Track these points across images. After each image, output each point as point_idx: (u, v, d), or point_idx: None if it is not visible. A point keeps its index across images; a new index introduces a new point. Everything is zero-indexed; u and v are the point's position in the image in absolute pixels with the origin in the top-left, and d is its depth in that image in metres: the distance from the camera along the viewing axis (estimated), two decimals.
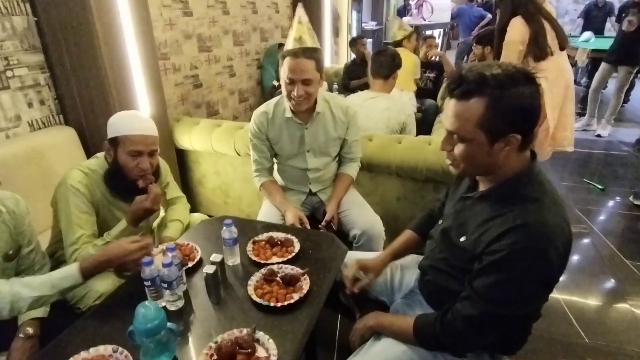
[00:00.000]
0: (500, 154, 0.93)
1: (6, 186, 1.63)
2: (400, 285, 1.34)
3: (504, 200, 0.96)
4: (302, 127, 1.77)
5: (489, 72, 0.87)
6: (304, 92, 1.61)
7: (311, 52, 1.60)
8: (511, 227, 0.88)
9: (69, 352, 0.96)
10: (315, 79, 1.63)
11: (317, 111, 1.74)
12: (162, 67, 2.57)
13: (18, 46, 1.83)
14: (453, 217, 1.11)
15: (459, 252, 1.03)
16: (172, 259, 1.11)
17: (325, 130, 1.79)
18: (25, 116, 1.90)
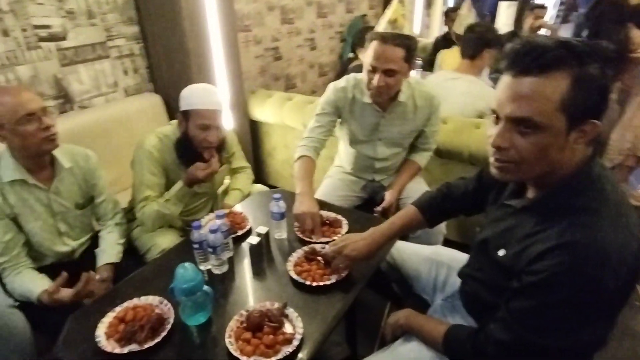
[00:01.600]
0: (570, 148, 0.76)
1: (101, 143, 1.89)
2: (444, 286, 1.26)
3: (553, 211, 0.80)
4: (379, 115, 1.66)
5: (567, 41, 0.72)
6: (384, 83, 1.48)
7: (403, 39, 1.45)
8: (556, 244, 0.74)
9: (126, 297, 1.10)
10: (401, 71, 1.48)
11: (399, 100, 1.61)
12: (244, 39, 2.66)
13: (118, 18, 2.04)
14: (492, 226, 0.97)
15: (496, 268, 0.90)
16: (219, 226, 1.18)
17: (403, 121, 1.67)
18: (121, 83, 2.14)
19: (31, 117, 1.21)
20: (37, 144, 1.24)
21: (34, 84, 1.81)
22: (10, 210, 1.29)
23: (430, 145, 1.79)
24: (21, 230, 1.33)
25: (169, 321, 1.01)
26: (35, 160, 1.30)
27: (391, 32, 1.45)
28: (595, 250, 0.71)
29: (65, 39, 1.87)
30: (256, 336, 0.97)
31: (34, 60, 1.79)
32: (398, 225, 1.22)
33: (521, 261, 0.81)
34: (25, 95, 1.22)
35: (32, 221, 1.33)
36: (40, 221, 1.35)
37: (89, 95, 2.02)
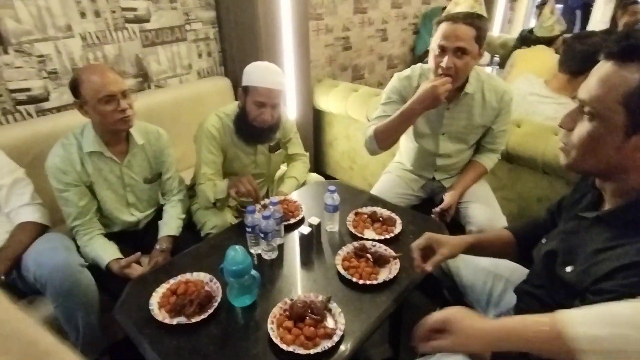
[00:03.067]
0: (633, 153, 0.70)
1: (172, 122, 1.99)
2: (499, 300, 1.16)
3: (630, 225, 0.72)
4: (443, 106, 1.57)
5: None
6: (453, 64, 1.38)
7: (474, 18, 1.36)
8: (631, 262, 0.67)
9: (180, 270, 1.15)
10: (471, 51, 1.37)
11: (465, 91, 1.51)
12: (315, 27, 2.65)
13: (197, 3, 2.13)
14: (561, 238, 0.88)
15: (560, 285, 0.81)
16: (272, 213, 1.19)
17: (469, 114, 1.57)
18: (195, 65, 2.24)
19: (111, 98, 1.30)
20: (112, 123, 1.34)
21: (118, 62, 1.95)
22: (87, 178, 1.40)
23: (497, 146, 1.66)
24: (95, 197, 1.44)
25: (217, 299, 1.05)
26: (112, 135, 1.40)
27: (461, 11, 1.37)
28: None
29: (148, 21, 1.99)
30: (297, 326, 0.97)
31: (119, 40, 1.93)
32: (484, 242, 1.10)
33: (588, 278, 0.73)
34: (111, 76, 1.31)
35: (105, 190, 1.45)
36: (111, 191, 1.46)
37: (164, 76, 2.14)
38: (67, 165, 1.35)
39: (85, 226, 1.41)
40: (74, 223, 1.40)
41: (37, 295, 1.34)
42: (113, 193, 1.47)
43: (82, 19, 1.78)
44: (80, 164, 1.38)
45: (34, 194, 1.43)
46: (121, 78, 1.35)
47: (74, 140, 1.38)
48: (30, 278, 1.28)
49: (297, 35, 2.20)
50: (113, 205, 1.48)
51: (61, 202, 1.39)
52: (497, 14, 3.92)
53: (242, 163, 1.66)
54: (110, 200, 1.47)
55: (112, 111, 1.31)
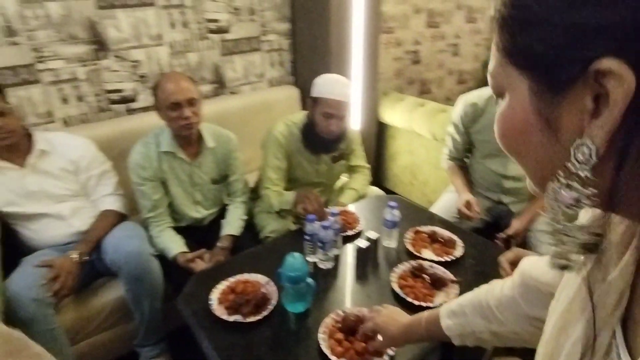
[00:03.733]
0: None
1: (241, 127, 2.09)
2: None
3: None
4: None
5: None
6: None
7: None
8: None
9: (239, 270, 1.20)
10: None
11: None
12: (385, 40, 2.65)
13: (274, 16, 2.23)
14: None
15: None
16: (331, 223, 1.21)
17: None
18: (267, 74, 2.34)
19: (176, 106, 1.40)
20: (176, 128, 1.45)
21: (198, 69, 2.10)
22: (162, 174, 1.52)
23: None
24: (167, 193, 1.56)
25: (272, 302, 1.08)
26: (183, 138, 1.51)
27: None
28: None
29: (228, 32, 2.12)
30: (348, 339, 0.97)
31: (201, 49, 2.07)
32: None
33: None
34: (182, 84, 1.41)
35: (176, 187, 1.56)
36: (182, 189, 1.57)
37: (238, 83, 2.26)
38: (146, 162, 1.48)
39: (157, 219, 1.52)
40: (147, 215, 1.52)
41: (112, 278, 1.48)
42: (183, 191, 1.58)
43: (171, 29, 1.95)
44: (157, 161, 1.50)
45: (117, 185, 1.59)
46: (193, 86, 1.44)
47: (153, 139, 1.50)
48: (107, 261, 1.41)
49: (367, 48, 2.22)
50: (182, 202, 1.59)
51: (138, 195, 1.52)
52: None
53: (305, 171, 1.70)
54: (180, 196, 1.58)
55: (177, 118, 1.41)
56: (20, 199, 1.41)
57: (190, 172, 1.57)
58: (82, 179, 1.52)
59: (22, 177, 1.41)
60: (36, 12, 1.61)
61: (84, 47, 1.75)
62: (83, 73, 1.78)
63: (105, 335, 1.48)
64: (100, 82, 1.84)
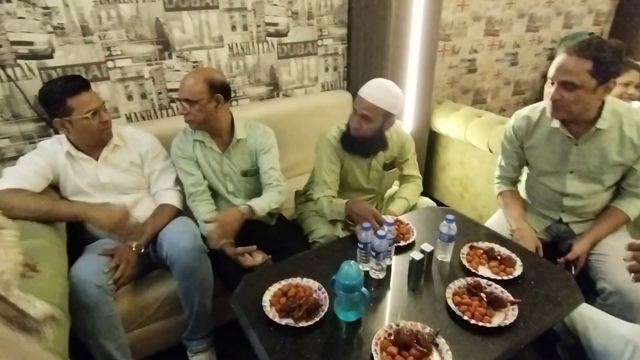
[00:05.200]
0: None
1: (293, 129, 2.12)
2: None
3: None
4: (570, 142, 1.43)
5: None
6: (560, 96, 1.31)
7: (592, 49, 1.25)
8: None
9: (291, 274, 1.20)
10: (583, 85, 1.27)
11: (597, 127, 1.36)
12: (442, 48, 2.60)
13: (331, 20, 2.24)
14: None
15: None
16: (386, 233, 1.18)
17: (603, 151, 1.40)
18: (321, 78, 2.35)
19: (179, 101, 1.50)
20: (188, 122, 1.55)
21: (255, 71, 2.14)
22: (196, 158, 1.63)
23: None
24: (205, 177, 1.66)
25: (323, 309, 1.07)
26: (208, 129, 1.59)
27: (582, 41, 1.28)
28: None
29: (286, 36, 2.15)
30: (402, 354, 0.95)
31: (259, 52, 2.12)
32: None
33: None
34: (186, 82, 1.48)
35: (209, 173, 1.66)
36: (214, 177, 1.66)
37: (292, 86, 2.29)
38: (183, 145, 1.61)
39: (201, 196, 1.61)
40: (190, 189, 1.61)
41: (166, 270, 1.52)
42: (215, 178, 1.66)
43: (232, 31, 2.00)
44: (191, 145, 1.61)
45: (176, 181, 1.65)
46: (194, 88, 1.47)
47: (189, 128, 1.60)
48: (162, 254, 1.45)
49: (424, 56, 2.18)
50: (216, 188, 1.68)
51: (181, 174, 1.63)
52: None
53: (356, 177, 1.69)
54: (214, 183, 1.67)
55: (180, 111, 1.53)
56: (90, 189, 1.49)
57: (221, 161, 1.64)
58: (146, 172, 1.61)
59: (96, 168, 1.49)
60: (110, 13, 1.71)
61: (150, 47, 1.84)
62: (147, 72, 1.87)
63: (157, 325, 1.53)
64: (163, 80, 1.92)
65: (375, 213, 1.41)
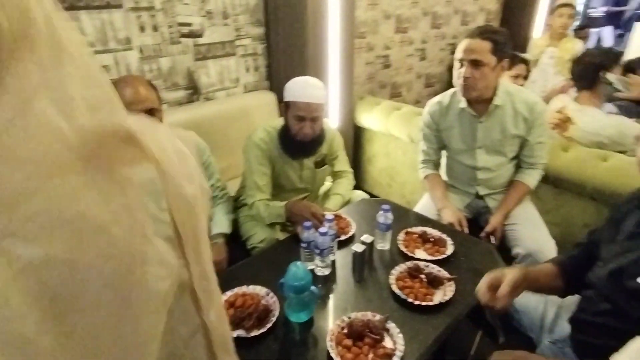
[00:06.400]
0: None
1: (218, 134, 2.04)
2: (553, 326, 1.13)
3: None
4: (476, 120, 1.63)
5: None
6: (470, 74, 1.49)
7: (489, 33, 1.47)
8: None
9: (236, 283, 1.16)
10: (487, 63, 1.47)
11: (495, 104, 1.57)
12: (357, 45, 2.69)
13: (248, 20, 2.19)
14: (623, 256, 0.90)
15: (633, 297, 0.83)
16: (328, 229, 1.19)
17: (502, 126, 1.60)
18: (242, 79, 2.29)
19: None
20: None
21: (171, 74, 2.02)
22: None
23: (537, 160, 1.64)
24: None
25: (274, 314, 1.05)
26: None
27: (478, 27, 1.52)
28: None
29: (201, 36, 2.06)
30: (356, 345, 0.97)
31: (173, 54, 2.00)
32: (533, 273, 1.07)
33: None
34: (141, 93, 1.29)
35: None
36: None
37: (213, 89, 2.20)
38: None
39: None
40: None
41: None
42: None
43: (141, 32, 1.86)
44: None
45: None
46: (152, 94, 1.33)
47: None
48: None
49: (342, 53, 2.24)
50: None
51: None
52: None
53: (288, 178, 1.68)
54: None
55: None
56: None
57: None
58: None
59: None
60: None
61: None
62: None
63: None
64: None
65: (313, 211, 1.42)
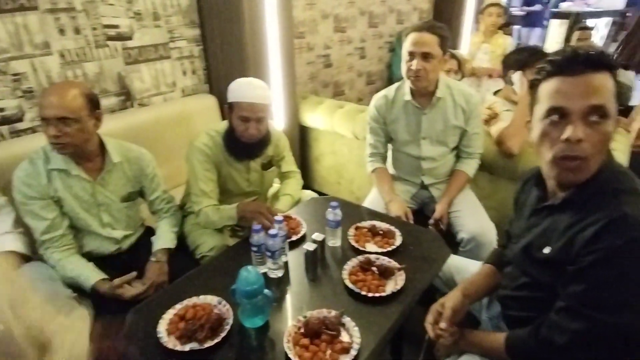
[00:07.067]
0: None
1: (157, 141, 1.94)
2: (489, 304, 1.21)
3: (591, 199, 0.83)
4: (420, 111, 1.70)
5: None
6: (422, 67, 1.55)
7: (436, 28, 1.56)
8: (610, 220, 0.77)
9: (185, 295, 1.11)
10: (436, 55, 1.55)
11: (437, 96, 1.65)
12: (297, 45, 2.69)
13: (181, 21, 2.11)
14: (529, 232, 0.98)
15: (545, 266, 0.90)
16: (278, 231, 1.18)
17: (444, 117, 1.69)
18: (179, 83, 2.20)
19: (46, 121, 1.23)
20: (51, 145, 1.28)
21: (99, 80, 1.89)
22: (54, 193, 1.34)
23: (474, 150, 1.75)
24: (65, 214, 1.38)
25: (228, 322, 1.02)
26: (78, 153, 1.33)
27: (424, 22, 1.59)
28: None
29: (131, 39, 1.95)
30: (314, 343, 0.96)
31: (100, 58, 1.87)
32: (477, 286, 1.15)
33: (572, 249, 0.82)
34: (53, 100, 1.22)
35: (77, 208, 1.38)
36: (83, 209, 1.40)
37: (148, 94, 2.09)
38: (32, 179, 1.30)
39: (58, 242, 1.34)
40: (43, 237, 1.32)
41: None
42: (86, 211, 1.40)
43: (61, 36, 1.72)
44: (46, 178, 1.32)
45: (16, 222, 1.35)
46: (71, 103, 1.24)
47: (42, 154, 1.33)
48: None
49: (283, 53, 2.22)
50: (86, 224, 1.41)
51: (27, 218, 1.33)
52: (464, 35, 4.08)
53: (235, 182, 1.64)
54: (84, 218, 1.40)
55: (48, 134, 1.25)
56: None
57: (93, 190, 1.39)
58: None
59: None
60: None
61: None
62: None
63: None
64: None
65: (263, 211, 1.39)
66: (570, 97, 0.80)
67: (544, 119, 0.84)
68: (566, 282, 0.84)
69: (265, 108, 1.50)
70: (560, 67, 0.82)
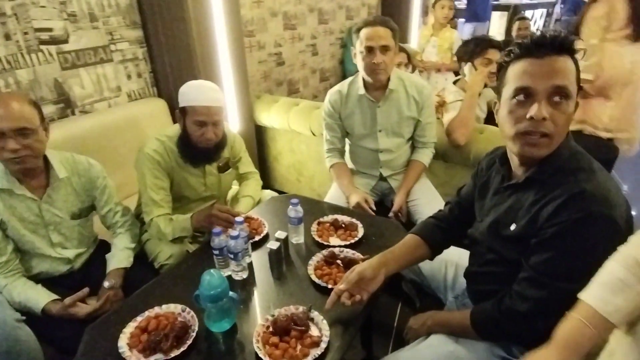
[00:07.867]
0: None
1: (104, 149, 1.84)
2: (454, 284, 1.26)
3: (552, 177, 0.88)
4: (374, 105, 1.72)
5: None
6: (382, 59, 1.58)
7: (387, 21, 1.60)
8: (569, 196, 0.83)
9: (146, 306, 1.06)
10: (392, 48, 1.60)
11: (390, 89, 1.69)
12: (248, 44, 2.65)
13: (121, 22, 2.01)
14: (494, 210, 1.02)
15: (512, 243, 0.95)
16: (239, 232, 1.15)
17: (398, 109, 1.73)
18: (124, 87, 2.10)
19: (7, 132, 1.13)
20: (4, 161, 1.19)
21: (34, 88, 1.76)
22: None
23: (428, 139, 1.81)
24: (9, 238, 1.27)
25: (194, 329, 0.98)
26: (22, 170, 1.23)
27: (375, 17, 1.63)
28: (602, 194, 0.82)
29: (67, 42, 1.83)
30: (284, 340, 0.96)
31: (34, 64, 1.74)
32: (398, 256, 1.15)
33: (536, 224, 0.87)
34: (9, 110, 1.13)
35: (22, 230, 1.28)
36: (29, 231, 1.30)
37: (91, 100, 1.97)
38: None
39: (3, 268, 1.24)
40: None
41: None
42: (32, 233, 1.30)
43: None
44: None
45: None
46: (27, 113, 1.16)
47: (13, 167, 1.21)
48: None
49: (233, 53, 2.17)
50: (34, 246, 1.31)
51: None
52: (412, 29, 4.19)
53: (192, 187, 1.58)
54: (30, 240, 1.30)
55: (6, 149, 1.15)
56: None
57: (39, 209, 1.29)
58: None
59: None
60: None
61: None
62: None
63: None
64: None
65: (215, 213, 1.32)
66: (536, 78, 0.84)
67: (511, 100, 0.88)
68: (529, 254, 0.89)
69: (220, 110, 1.46)
70: (528, 50, 0.85)
